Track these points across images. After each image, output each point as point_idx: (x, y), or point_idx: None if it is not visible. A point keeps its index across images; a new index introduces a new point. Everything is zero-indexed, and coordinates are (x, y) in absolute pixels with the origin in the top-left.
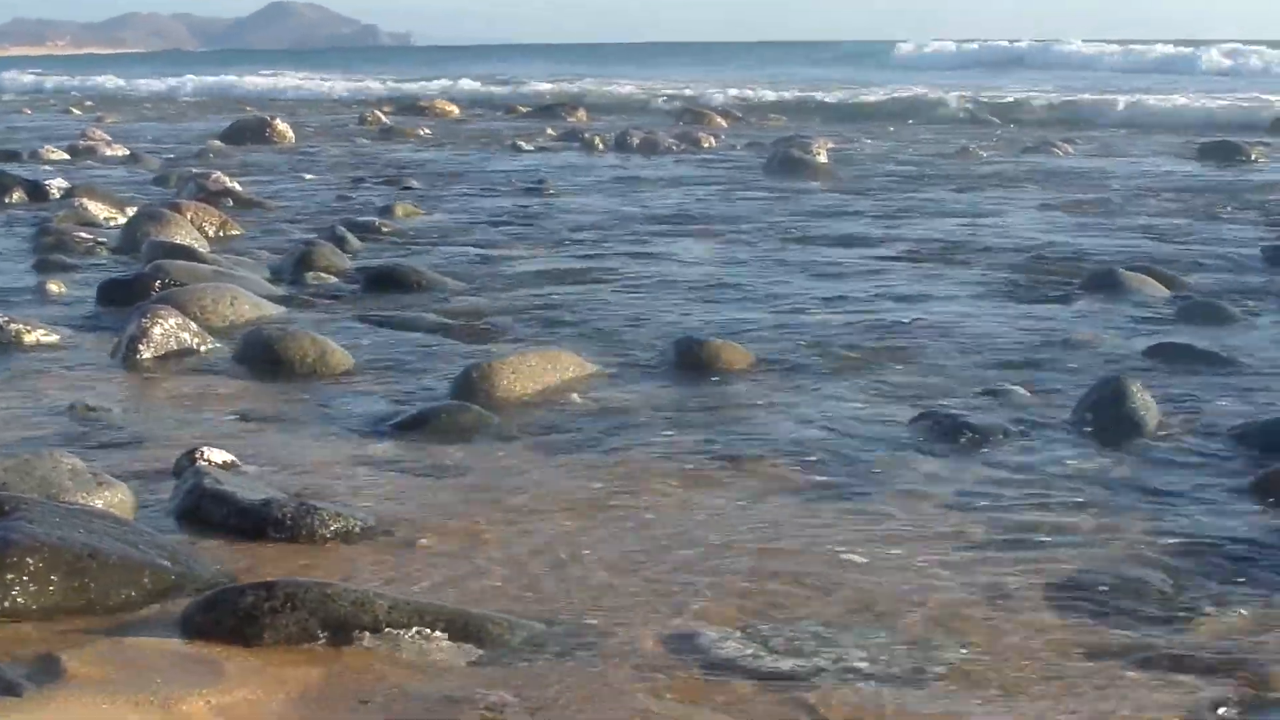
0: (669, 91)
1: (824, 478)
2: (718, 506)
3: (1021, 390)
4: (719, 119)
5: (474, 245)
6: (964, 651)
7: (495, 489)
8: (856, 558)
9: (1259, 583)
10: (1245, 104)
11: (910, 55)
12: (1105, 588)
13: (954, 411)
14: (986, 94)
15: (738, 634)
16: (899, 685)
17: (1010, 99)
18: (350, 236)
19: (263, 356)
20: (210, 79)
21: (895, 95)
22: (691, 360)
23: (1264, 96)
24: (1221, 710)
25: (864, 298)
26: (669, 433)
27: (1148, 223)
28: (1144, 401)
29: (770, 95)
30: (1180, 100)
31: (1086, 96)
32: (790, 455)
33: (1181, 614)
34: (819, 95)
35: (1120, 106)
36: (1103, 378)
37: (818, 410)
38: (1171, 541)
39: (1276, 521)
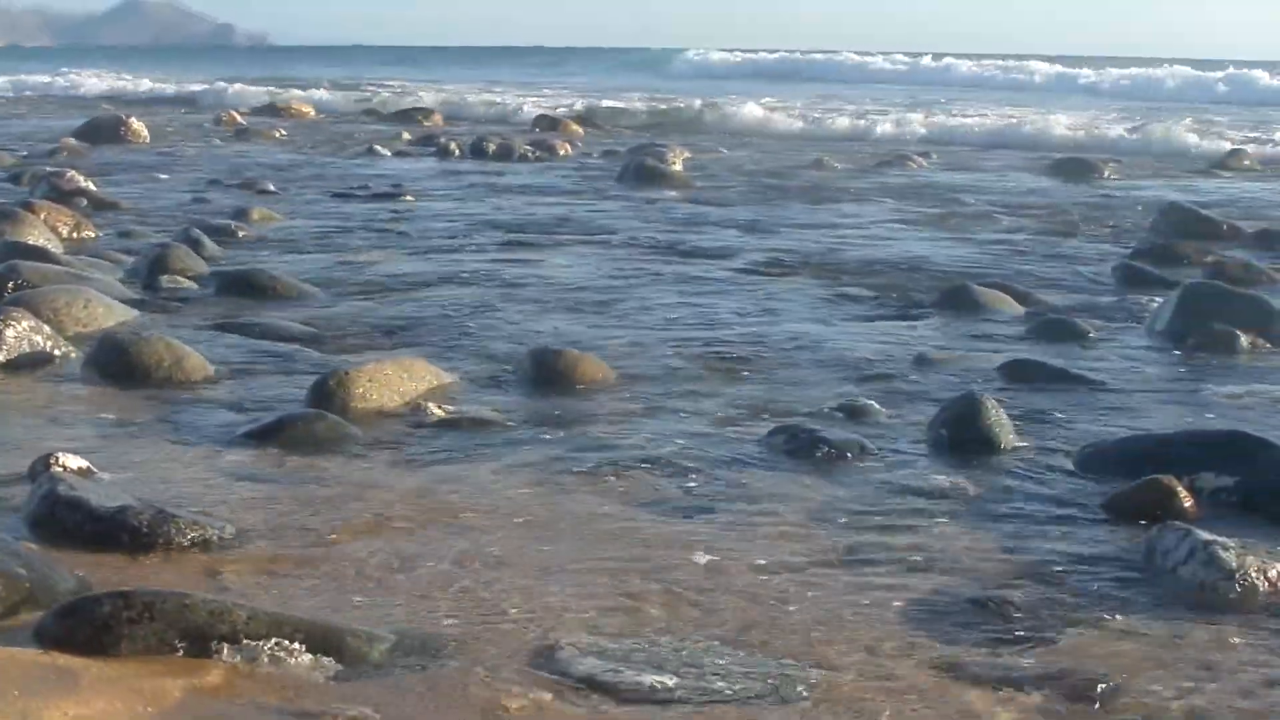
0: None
1: (680, 492)
2: (574, 520)
3: (876, 405)
4: (575, 126)
5: (331, 251)
6: (818, 671)
7: (352, 499)
8: (712, 575)
9: (1108, 603)
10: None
11: (693, 63)
12: (958, 606)
13: (810, 426)
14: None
15: (596, 649)
16: (754, 705)
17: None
18: (206, 240)
19: (117, 362)
20: (62, 80)
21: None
22: (549, 372)
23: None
24: None
25: (721, 311)
26: (526, 444)
27: (1001, 238)
28: (997, 418)
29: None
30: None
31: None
32: (646, 469)
33: (1036, 632)
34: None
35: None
36: (957, 394)
37: (674, 424)
38: (1023, 560)
39: (1125, 540)
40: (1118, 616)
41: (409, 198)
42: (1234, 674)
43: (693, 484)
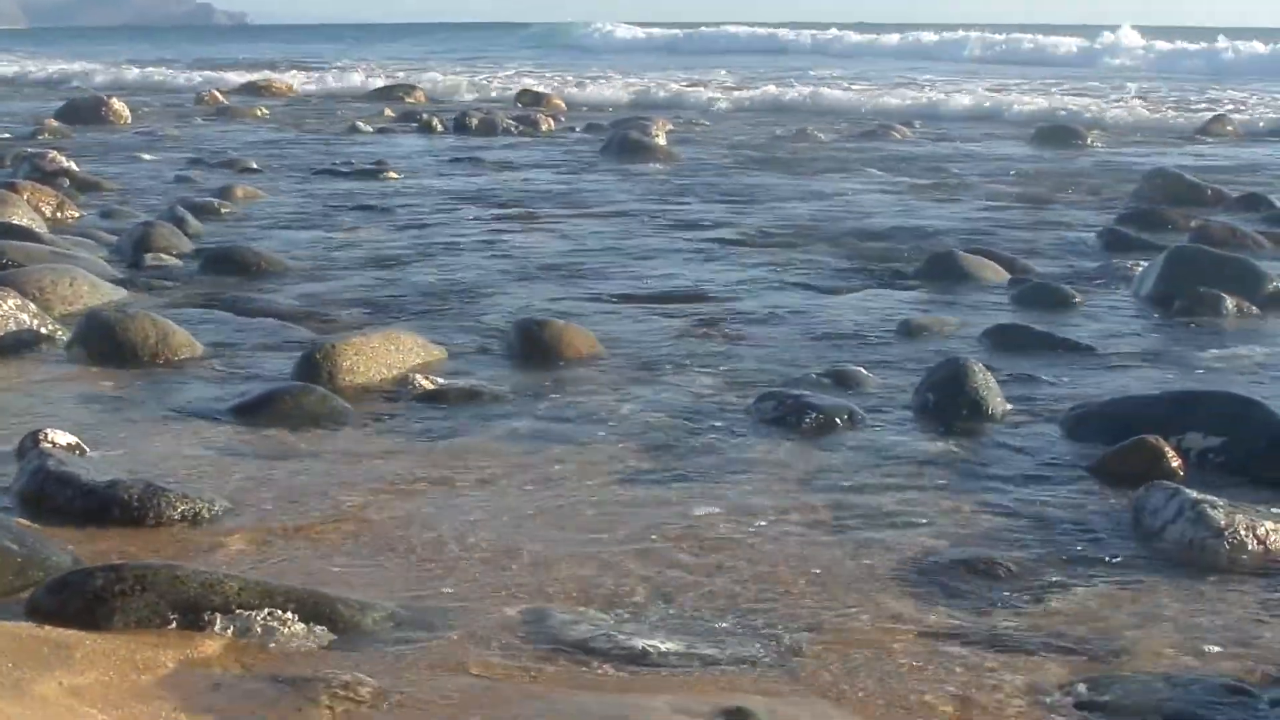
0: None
1: (669, 461)
2: (565, 490)
3: (864, 372)
4: (558, 101)
5: (315, 228)
6: (809, 635)
7: (342, 473)
8: (702, 541)
9: (1100, 563)
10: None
11: (594, 37)
12: (948, 569)
13: (797, 392)
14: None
15: (588, 616)
16: (746, 669)
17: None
18: (190, 217)
19: (104, 340)
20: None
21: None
22: (535, 342)
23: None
24: (1067, 687)
25: (707, 282)
26: (514, 415)
27: (986, 206)
28: (985, 382)
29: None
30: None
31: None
32: (634, 438)
33: (1026, 594)
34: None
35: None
36: (943, 359)
37: (661, 393)
38: (1012, 522)
39: (1114, 501)
40: (1107, 576)
41: (392, 174)
42: (1222, 631)
43: (681, 452)
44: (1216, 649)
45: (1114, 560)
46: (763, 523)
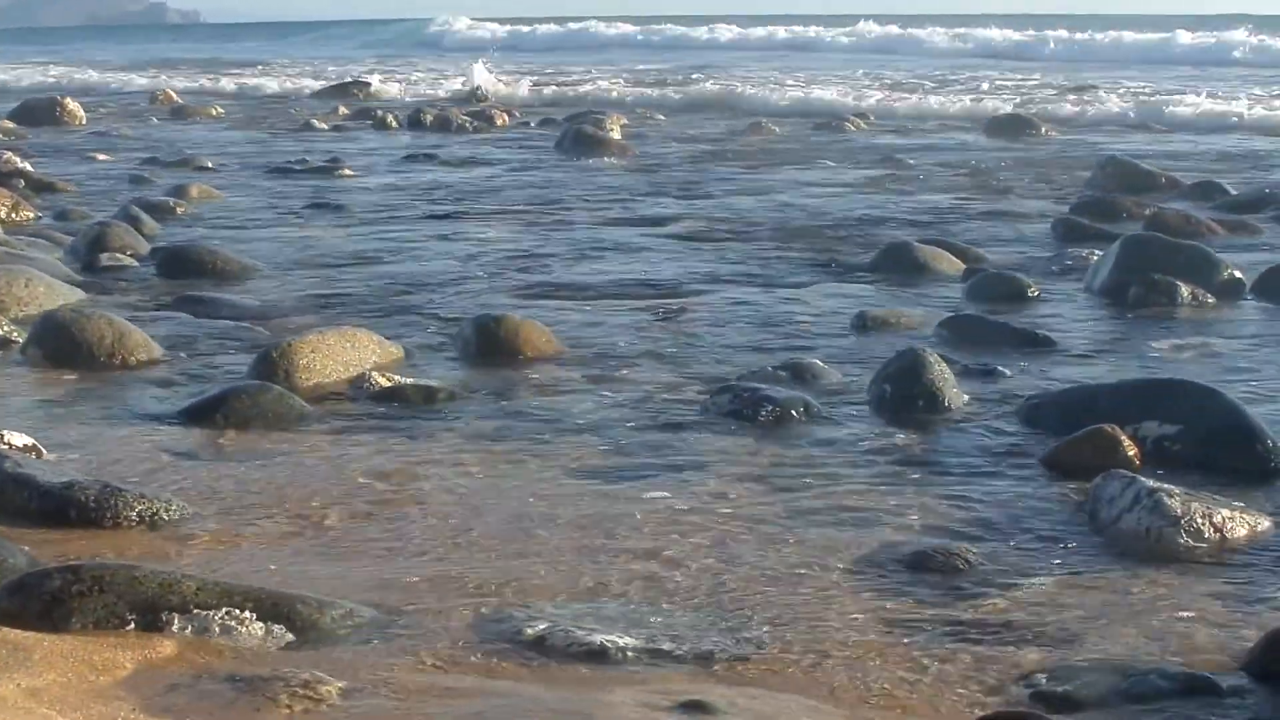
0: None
1: (626, 457)
2: (523, 488)
3: (820, 364)
4: (509, 93)
5: (271, 226)
6: (768, 629)
7: (299, 471)
8: (660, 538)
9: (1057, 553)
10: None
11: (444, 35)
12: (906, 562)
13: (754, 385)
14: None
15: (546, 611)
16: (704, 663)
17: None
18: (145, 217)
19: (60, 341)
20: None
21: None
22: (492, 339)
23: None
24: (1026, 678)
25: (663, 276)
26: (471, 413)
27: (940, 196)
28: (940, 373)
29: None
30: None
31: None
32: (591, 435)
33: (984, 585)
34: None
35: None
36: (900, 350)
37: (618, 389)
38: (970, 514)
39: (1071, 491)
40: (1065, 566)
41: (348, 171)
42: (1180, 620)
43: (638, 447)
44: (1174, 638)
45: (1071, 550)
46: (721, 517)
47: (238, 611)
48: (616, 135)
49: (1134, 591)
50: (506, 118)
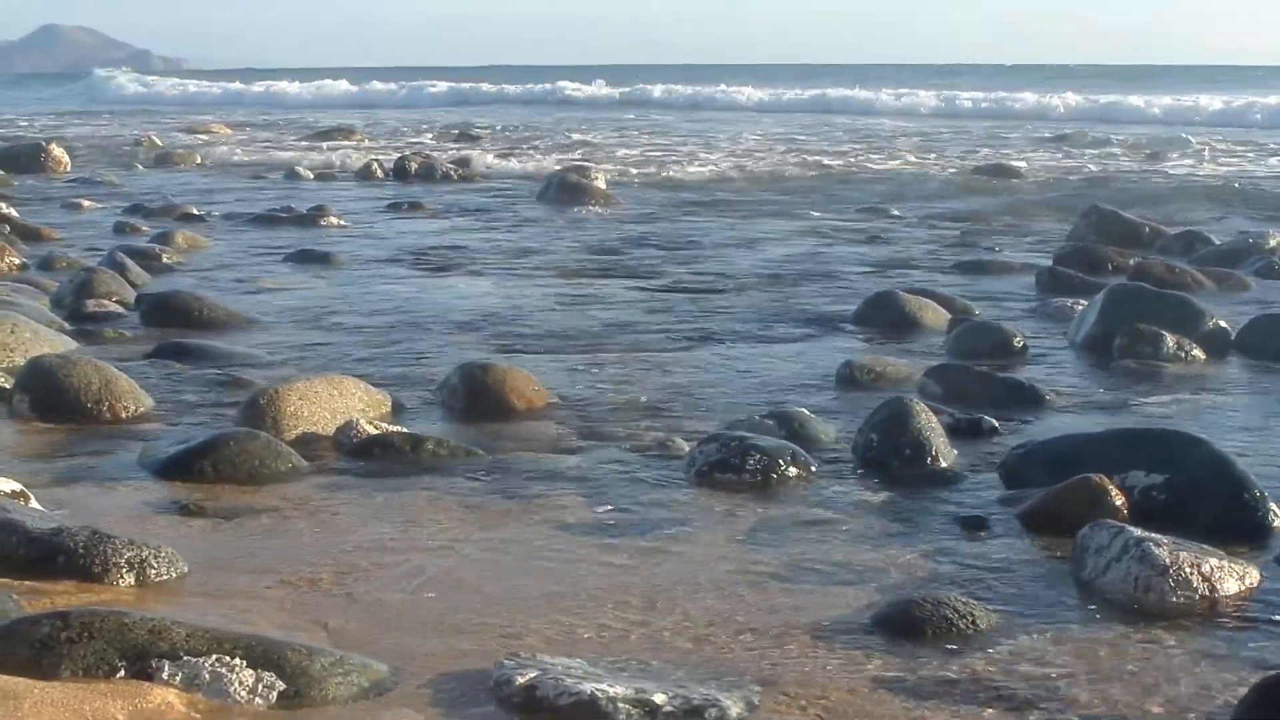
0: None
1: (613, 511)
2: (511, 541)
3: (806, 413)
4: (494, 140)
5: (256, 275)
6: (756, 686)
7: (287, 520)
8: (649, 593)
9: (1044, 606)
10: None
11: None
12: (895, 617)
13: (741, 434)
14: None
15: (536, 663)
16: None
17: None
18: (131, 264)
19: (46, 387)
20: None
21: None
22: (478, 387)
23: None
24: None
25: (650, 331)
26: (458, 464)
27: (924, 246)
28: (927, 422)
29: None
30: None
31: None
32: (577, 488)
33: (970, 641)
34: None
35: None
36: (885, 401)
37: (604, 444)
38: (956, 566)
39: (1053, 543)
40: (1052, 620)
41: (333, 219)
42: (1167, 674)
43: (624, 500)
44: (1162, 692)
45: (1059, 603)
46: (706, 574)
47: (228, 659)
48: (601, 184)
49: (1122, 644)
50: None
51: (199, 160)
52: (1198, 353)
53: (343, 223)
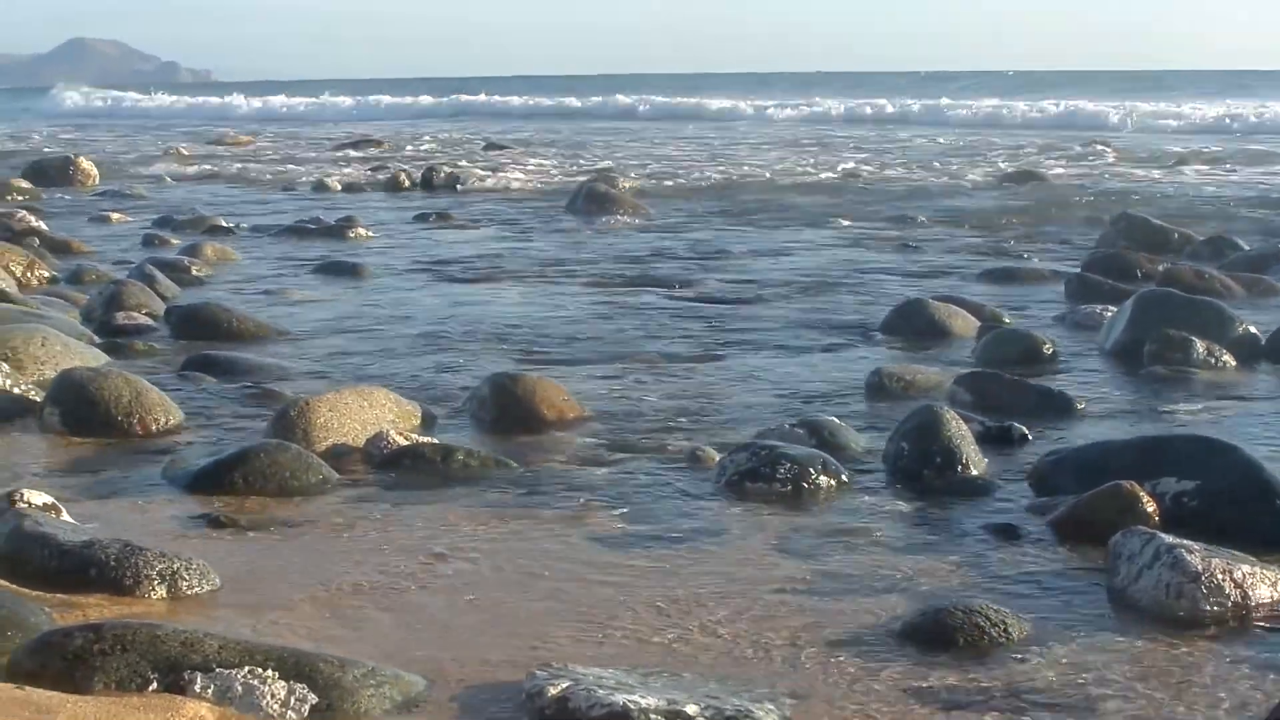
0: None
1: (643, 519)
2: (544, 553)
3: (836, 421)
4: (520, 150)
5: (284, 286)
6: (790, 700)
7: (319, 531)
8: (681, 604)
9: (1075, 614)
10: None
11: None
12: (927, 628)
13: (771, 443)
14: None
15: (568, 674)
16: None
17: None
18: (160, 276)
19: (77, 400)
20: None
21: None
22: (508, 398)
23: None
24: None
25: (677, 341)
26: (490, 474)
27: (955, 252)
28: (958, 430)
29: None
30: None
31: None
32: (610, 500)
33: (1004, 650)
34: None
35: None
36: (915, 409)
37: (636, 455)
38: (988, 574)
39: (1085, 551)
40: (1085, 628)
41: (361, 230)
42: (1202, 679)
43: (656, 510)
44: (1197, 699)
45: (1091, 611)
46: (737, 584)
47: (260, 670)
48: (629, 194)
49: (1154, 652)
50: (520, 174)
51: (228, 170)
52: (1228, 358)
53: (371, 234)
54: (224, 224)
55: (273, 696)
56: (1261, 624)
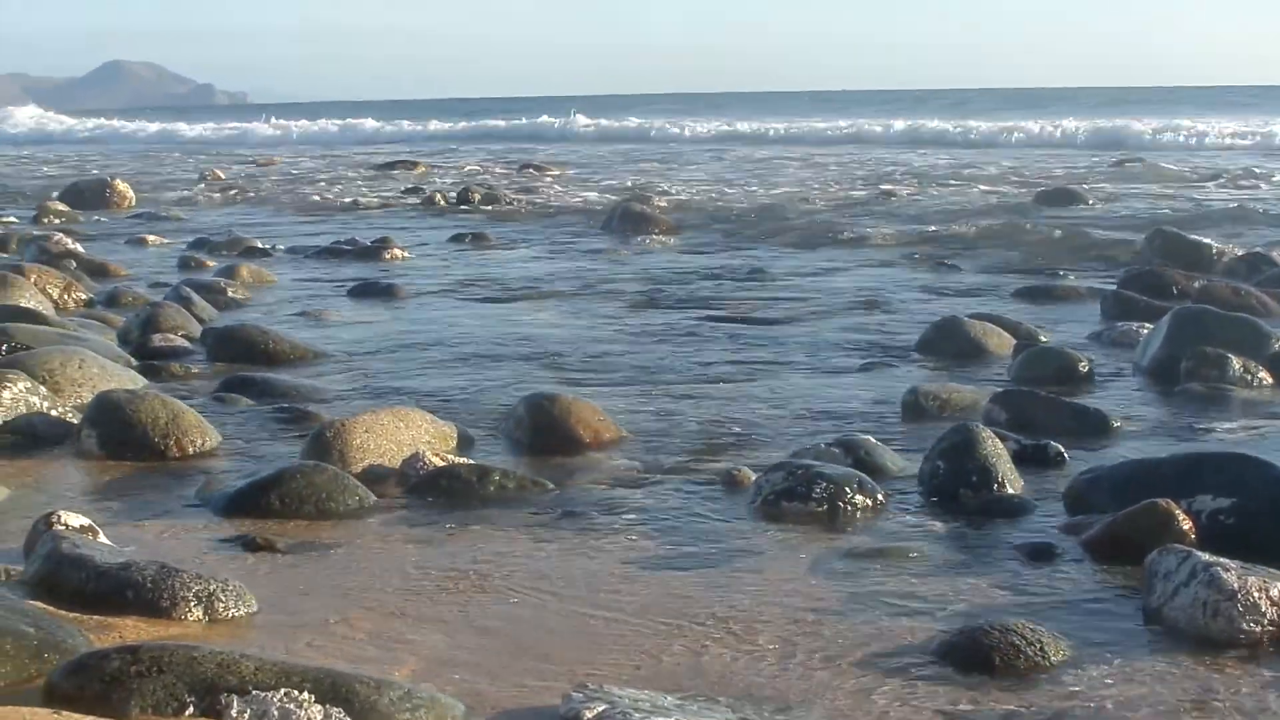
0: None
1: (679, 540)
2: (581, 576)
3: (872, 440)
4: (555, 170)
5: (321, 308)
6: None
7: (355, 555)
8: (717, 626)
9: (1111, 635)
10: None
11: None
12: (961, 648)
13: (807, 463)
14: None
15: (602, 703)
16: None
17: None
18: (197, 298)
19: (114, 422)
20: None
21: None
22: (545, 418)
23: None
24: None
25: (714, 362)
26: (526, 495)
27: (989, 270)
28: (994, 449)
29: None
30: None
31: None
32: (646, 521)
33: (1036, 671)
34: None
35: None
36: (951, 427)
37: (671, 473)
38: (1024, 594)
39: (1120, 570)
40: (1121, 649)
41: (397, 252)
42: (1239, 700)
43: (693, 532)
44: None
45: (1127, 629)
46: (774, 607)
47: (296, 694)
48: (664, 213)
49: (1191, 671)
50: (554, 192)
51: (263, 190)
52: (1264, 375)
53: (407, 254)
54: (260, 245)
55: None
56: None
